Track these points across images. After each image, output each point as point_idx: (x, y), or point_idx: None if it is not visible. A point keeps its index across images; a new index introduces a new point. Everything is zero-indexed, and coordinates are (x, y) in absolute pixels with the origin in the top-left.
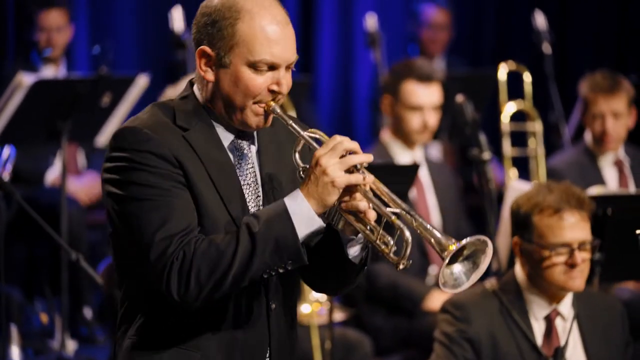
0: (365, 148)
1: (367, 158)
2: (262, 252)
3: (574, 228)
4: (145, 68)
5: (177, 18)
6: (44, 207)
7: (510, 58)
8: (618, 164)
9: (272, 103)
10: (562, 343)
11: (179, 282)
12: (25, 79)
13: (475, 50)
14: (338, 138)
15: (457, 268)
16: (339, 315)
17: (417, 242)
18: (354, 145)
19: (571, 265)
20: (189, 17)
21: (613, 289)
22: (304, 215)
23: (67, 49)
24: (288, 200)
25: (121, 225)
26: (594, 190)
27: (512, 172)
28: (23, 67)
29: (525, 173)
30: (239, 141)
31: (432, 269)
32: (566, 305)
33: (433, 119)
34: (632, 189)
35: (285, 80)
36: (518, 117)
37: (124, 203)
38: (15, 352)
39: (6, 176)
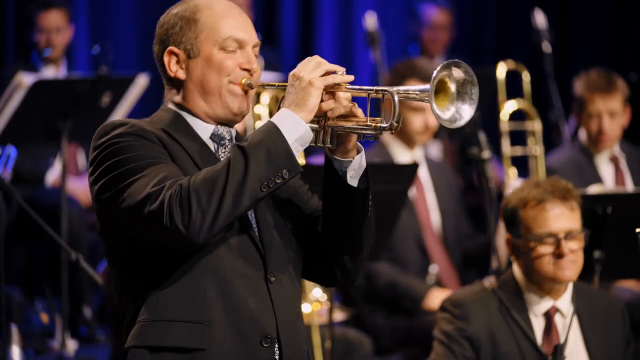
0: (365, 148)
1: (340, 68)
2: (255, 162)
3: (559, 218)
4: (145, 68)
5: None
6: (44, 207)
7: (510, 57)
8: (614, 160)
9: (245, 80)
10: (562, 340)
11: (182, 211)
12: (25, 79)
13: (476, 49)
14: (309, 57)
15: (457, 106)
16: (339, 315)
17: (417, 240)
18: (326, 62)
19: (558, 255)
20: None
21: (612, 289)
22: (288, 122)
23: (67, 49)
24: (272, 118)
25: (117, 202)
26: (593, 189)
27: (512, 171)
28: (23, 67)
29: (524, 172)
30: (220, 129)
31: (433, 268)
32: (565, 302)
33: (435, 119)
34: (628, 185)
35: (254, 59)
36: (517, 116)
37: (116, 181)
38: (15, 352)
39: (7, 176)
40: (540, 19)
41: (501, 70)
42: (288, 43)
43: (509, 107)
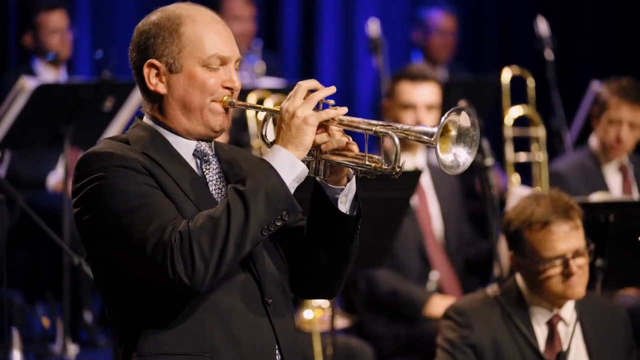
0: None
1: (330, 90)
2: (255, 206)
3: (565, 238)
4: None
5: None
6: (46, 211)
7: (512, 64)
8: (622, 170)
9: (226, 98)
10: (565, 348)
11: (184, 263)
12: (28, 83)
13: (478, 56)
14: (297, 85)
15: (457, 152)
16: (340, 322)
17: (418, 247)
18: (313, 82)
19: (567, 275)
20: None
21: (616, 297)
22: (284, 162)
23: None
24: (267, 156)
25: (110, 242)
26: (597, 197)
27: (515, 178)
28: (25, 71)
29: (527, 179)
30: (202, 145)
31: (433, 275)
32: (568, 310)
33: (427, 118)
34: (635, 195)
35: (237, 77)
36: (521, 122)
37: (106, 219)
38: (16, 356)
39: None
40: (542, 26)
41: (506, 76)
42: (289, 49)
43: (513, 112)
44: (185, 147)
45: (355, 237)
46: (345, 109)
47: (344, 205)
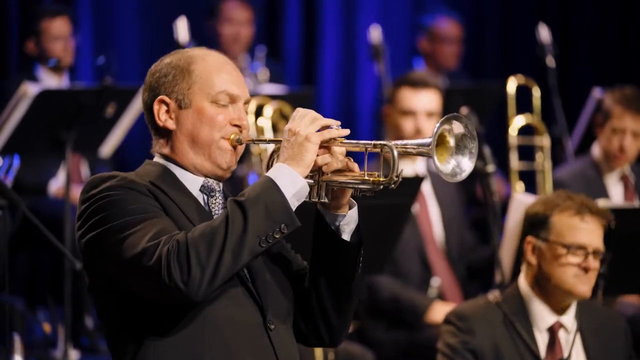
0: (368, 160)
1: (336, 122)
2: (254, 218)
3: (592, 233)
4: None
5: (181, 28)
6: (47, 217)
7: (513, 71)
8: (624, 179)
9: (234, 135)
10: (565, 355)
11: (181, 269)
12: (30, 89)
13: (479, 62)
14: (302, 110)
15: (457, 160)
16: None
17: (419, 254)
18: (321, 116)
19: (584, 269)
20: (193, 28)
21: (616, 304)
22: (286, 177)
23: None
24: (269, 172)
25: (110, 259)
26: (598, 203)
27: (519, 186)
28: (27, 77)
29: (531, 187)
30: (210, 181)
31: (434, 281)
32: (569, 318)
33: (427, 125)
34: (637, 204)
35: (245, 116)
36: (525, 130)
37: (109, 237)
38: None
39: (8, 184)
40: (544, 33)
41: (511, 85)
42: (292, 56)
43: (517, 121)
44: (192, 182)
45: (357, 271)
46: (347, 131)
47: (345, 235)
